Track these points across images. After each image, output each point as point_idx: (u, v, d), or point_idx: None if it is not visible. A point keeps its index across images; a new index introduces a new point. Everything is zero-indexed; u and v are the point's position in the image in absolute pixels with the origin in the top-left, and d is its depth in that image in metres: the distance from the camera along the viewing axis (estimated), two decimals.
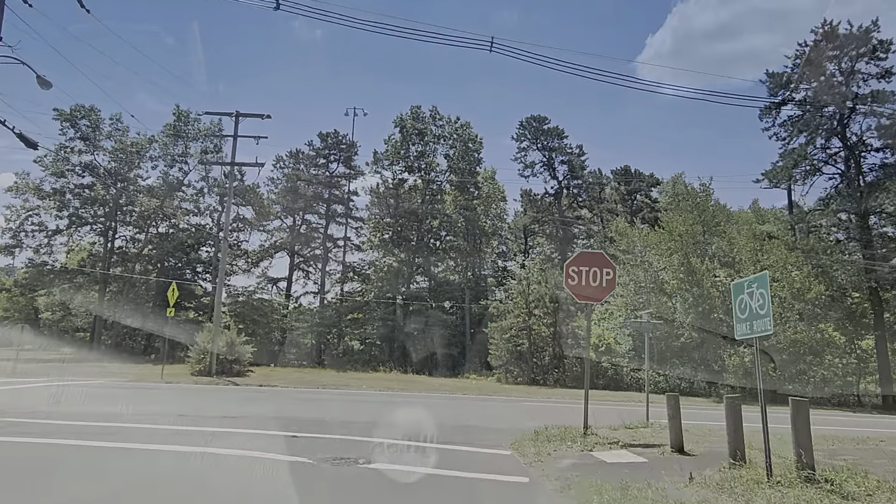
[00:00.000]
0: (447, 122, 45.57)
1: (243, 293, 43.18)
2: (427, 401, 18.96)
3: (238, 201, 43.61)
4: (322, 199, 45.92)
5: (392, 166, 45.48)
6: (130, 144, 42.57)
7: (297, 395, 19.45)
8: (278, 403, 15.30)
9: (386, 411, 14.29)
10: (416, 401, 18.88)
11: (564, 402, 22.04)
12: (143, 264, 42.90)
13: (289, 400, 16.29)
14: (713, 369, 30.07)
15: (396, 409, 15.21)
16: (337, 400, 17.65)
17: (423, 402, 18.50)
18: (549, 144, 47.30)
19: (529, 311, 32.77)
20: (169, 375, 25.37)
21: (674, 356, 30.50)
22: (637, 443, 9.85)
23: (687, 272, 28.97)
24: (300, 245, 46.71)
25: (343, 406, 15.74)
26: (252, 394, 18.69)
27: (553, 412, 17.26)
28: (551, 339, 32.23)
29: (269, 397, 17.71)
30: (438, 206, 45.92)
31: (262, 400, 16.44)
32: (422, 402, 18.52)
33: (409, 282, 44.26)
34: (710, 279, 28.38)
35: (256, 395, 18.06)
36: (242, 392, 19.19)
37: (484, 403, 19.20)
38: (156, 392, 17.79)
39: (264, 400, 16.39)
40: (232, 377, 26.81)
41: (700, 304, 27.63)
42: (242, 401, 14.99)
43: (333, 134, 45.53)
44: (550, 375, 31.50)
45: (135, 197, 42.75)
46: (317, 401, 16.91)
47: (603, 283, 10.73)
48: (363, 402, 17.85)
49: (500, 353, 33.43)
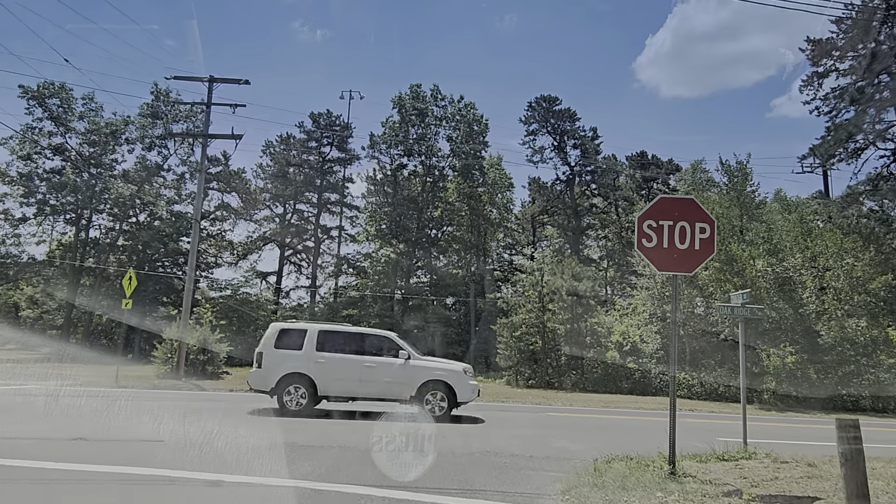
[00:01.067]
0: (450, 103, 41.98)
1: (227, 286, 39.60)
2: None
3: (222, 187, 40.04)
4: (314, 186, 42.31)
5: (390, 150, 41.90)
6: (105, 125, 38.98)
7: (265, 402, 15.90)
8: (213, 421, 11.69)
9: (370, 429, 10.71)
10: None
11: (595, 411, 18.44)
12: (118, 256, 39.29)
13: (241, 417, 12.68)
14: (752, 372, 26.46)
15: (388, 416, 11.68)
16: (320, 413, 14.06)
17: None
18: (561, 127, 43.65)
19: (543, 305, 29.17)
20: (131, 378, 21.83)
21: (707, 357, 26.89)
22: (766, 491, 6.21)
23: (724, 261, 25.34)
24: (291, 236, 43.12)
25: (306, 421, 12.16)
26: (207, 403, 15.09)
27: (591, 427, 13.63)
28: (568, 336, 28.62)
29: (222, 408, 14.08)
30: (440, 193, 42.35)
31: (206, 413, 12.82)
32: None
33: (409, 275, 40.67)
34: (752, 268, 24.77)
35: (208, 406, 14.44)
36: (197, 401, 15.58)
37: (503, 415, 15.60)
38: (83, 401, 14.18)
39: (209, 413, 12.77)
40: (204, 379, 23.26)
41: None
42: (181, 416, 11.40)
43: (326, 114, 41.94)
44: (567, 378, 27.88)
45: (109, 183, 39.18)
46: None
47: (696, 244, 7.12)
48: (350, 416, 14.29)
49: (510, 352, 29.81)
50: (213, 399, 16.37)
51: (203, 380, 23.05)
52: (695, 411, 20.32)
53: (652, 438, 10.64)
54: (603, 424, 14.56)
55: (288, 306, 42.19)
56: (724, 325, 24.56)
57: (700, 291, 28.43)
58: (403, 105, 41.01)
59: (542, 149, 44.62)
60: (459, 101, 41.60)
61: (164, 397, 15.49)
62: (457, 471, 7.11)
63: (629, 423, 15.08)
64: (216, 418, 11.46)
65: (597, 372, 27.84)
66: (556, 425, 13.74)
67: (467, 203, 42.78)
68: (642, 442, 9.63)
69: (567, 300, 27.68)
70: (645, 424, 14.85)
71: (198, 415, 11.84)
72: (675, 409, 7.22)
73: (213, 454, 7.62)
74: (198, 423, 10.27)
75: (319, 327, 13.83)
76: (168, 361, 23.03)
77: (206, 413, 12.45)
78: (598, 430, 13.10)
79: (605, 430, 13.22)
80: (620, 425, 14.62)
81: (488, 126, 41.97)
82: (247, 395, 17.75)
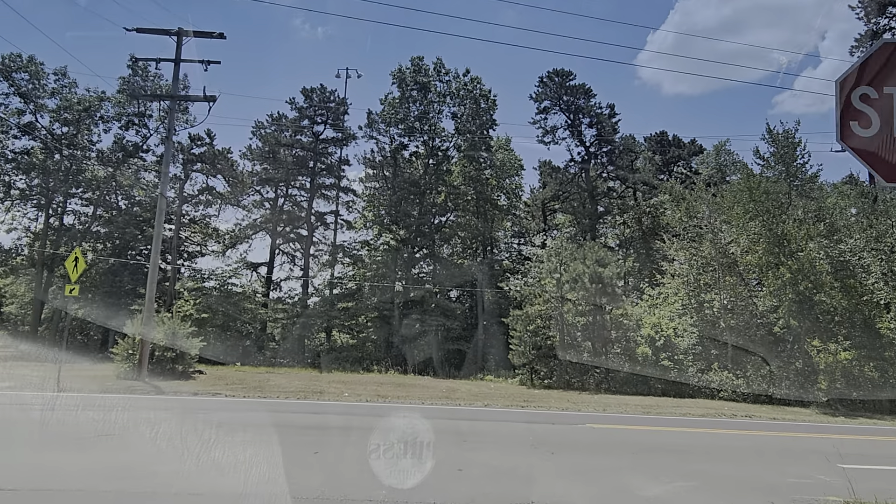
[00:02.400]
0: (454, 77, 38.48)
1: (211, 276, 36.24)
2: (436, 422, 11.97)
3: (206, 169, 36.66)
4: (307, 169, 38.87)
5: (389, 130, 38.43)
6: (77, 102, 35.57)
7: (233, 410, 12.57)
8: (141, 449, 8.33)
9: (348, 459, 7.34)
10: (416, 423, 11.85)
11: (642, 420, 14.99)
12: (92, 244, 35.94)
13: (190, 429, 9.31)
14: (798, 370, 23.04)
15: (379, 440, 8.29)
16: (283, 426, 10.64)
17: (428, 425, 11.51)
18: (575, 104, 40.08)
19: (562, 295, 25.76)
20: (84, 379, 18.56)
21: (751, 353, 23.46)
22: None
23: (774, 242, 21.91)
24: (283, 224, 39.70)
25: (282, 436, 8.78)
26: (151, 414, 11.70)
27: (667, 450, 10.08)
28: (591, 330, 25.22)
29: (167, 420, 10.70)
30: (444, 176, 38.91)
31: (149, 423, 9.47)
32: (427, 425, 11.52)
33: (410, 265, 37.26)
34: (807, 250, 21.33)
35: (151, 418, 11.04)
36: (142, 411, 12.19)
37: (530, 428, 12.13)
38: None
39: (150, 425, 9.41)
40: (171, 380, 19.88)
41: (798, 282, 20.56)
42: (94, 438, 8.05)
43: (320, 90, 38.43)
44: (591, 377, 24.47)
45: (83, 164, 35.83)
46: (247, 427, 9.93)
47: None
48: (322, 428, 10.93)
49: (524, 348, 26.42)
50: (156, 407, 12.95)
51: (170, 380, 19.68)
52: (752, 418, 16.92)
53: (776, 467, 7.27)
54: (678, 445, 11.11)
55: (278, 300, 38.81)
56: (780, 314, 21.09)
57: (741, 278, 25.02)
58: (404, 79, 37.54)
59: (554, 128, 41.09)
60: (465, 74, 38.13)
61: (91, 404, 12.05)
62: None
63: (712, 443, 11.60)
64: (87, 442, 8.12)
65: (622, 371, 24.40)
66: (612, 445, 10.36)
67: (473, 187, 39.35)
68: (771, 476, 6.25)
69: (591, 288, 24.23)
70: (736, 443, 11.44)
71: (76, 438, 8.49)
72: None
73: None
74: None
75: None
76: (129, 359, 19.71)
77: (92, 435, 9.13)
78: (681, 456, 9.64)
79: (692, 456, 9.76)
80: (702, 446, 11.16)
81: (496, 103, 38.50)
82: (213, 401, 14.38)
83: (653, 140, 44.05)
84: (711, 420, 15.73)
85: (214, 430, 8.91)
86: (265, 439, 8.64)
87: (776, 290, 21.09)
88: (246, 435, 8.99)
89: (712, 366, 23.38)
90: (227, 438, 8.25)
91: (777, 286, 20.88)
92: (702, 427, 13.84)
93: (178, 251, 34.86)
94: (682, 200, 26.30)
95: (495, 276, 38.23)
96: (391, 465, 6.88)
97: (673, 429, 13.37)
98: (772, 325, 22.07)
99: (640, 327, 24.69)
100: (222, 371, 25.66)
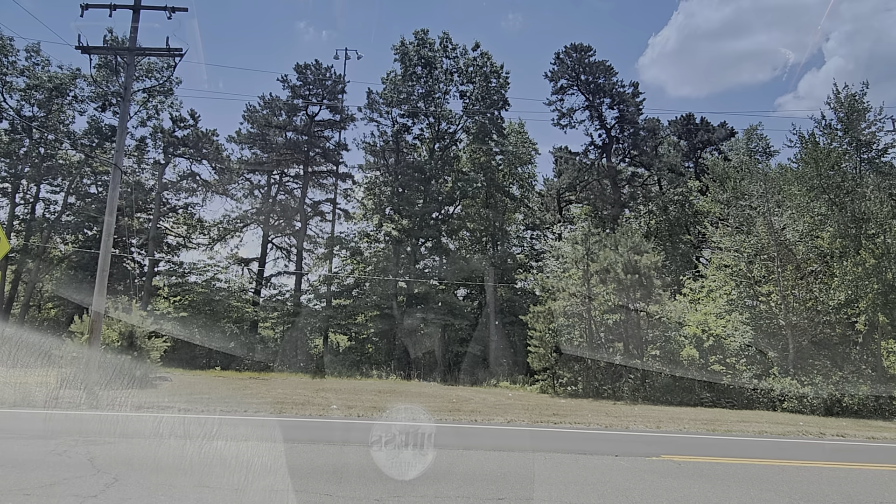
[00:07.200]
0: (461, 53, 35.06)
1: (193, 271, 32.81)
2: (448, 453, 8.41)
3: (189, 153, 33.32)
4: (301, 153, 35.48)
5: (391, 111, 35.02)
6: (48, 80, 32.34)
7: (144, 436, 9.07)
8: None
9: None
10: (417, 456, 8.29)
11: (715, 442, 11.35)
12: (63, 234, 32.66)
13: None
14: (866, 375, 19.41)
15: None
16: (231, 456, 7.09)
17: (437, 458, 7.96)
18: (595, 83, 36.54)
19: (590, 289, 22.23)
20: (18, 386, 15.17)
21: (818, 356, 19.85)
22: None
23: (849, 223, 18.32)
24: (276, 215, 36.31)
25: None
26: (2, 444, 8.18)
27: (809, 496, 6.56)
28: (625, 328, 21.68)
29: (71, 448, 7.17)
30: (451, 162, 35.47)
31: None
32: (435, 458, 7.96)
33: (414, 258, 33.78)
34: (892, 230, 17.72)
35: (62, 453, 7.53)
36: (38, 445, 8.71)
37: (587, 463, 8.49)
38: None
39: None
40: (125, 389, 16.46)
41: (883, 269, 16.95)
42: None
43: (314, 66, 35.03)
44: (625, 383, 20.90)
45: (54, 149, 32.60)
46: (187, 466, 6.42)
47: None
48: (288, 457, 7.40)
49: (545, 350, 22.92)
50: (33, 433, 9.40)
51: (124, 388, 16.23)
52: (846, 438, 13.34)
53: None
54: (802, 484, 7.43)
55: (269, 299, 35.37)
56: (862, 307, 17.43)
57: (800, 268, 21.40)
58: (407, 54, 34.14)
59: (571, 110, 37.59)
60: (475, 49, 34.71)
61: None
62: None
63: (838, 477, 7.97)
64: None
65: (661, 378, 20.79)
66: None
67: (483, 174, 35.87)
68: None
69: (625, 280, 20.66)
70: (869, 479, 7.83)
71: None
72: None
73: None
74: None
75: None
76: (73, 363, 16.31)
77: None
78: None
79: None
80: (836, 487, 7.48)
81: (508, 80, 35.03)
82: (146, 419, 10.83)
83: (678, 124, 40.44)
84: (804, 442, 12.14)
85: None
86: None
87: (854, 281, 17.46)
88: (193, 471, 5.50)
89: (770, 370, 19.77)
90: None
91: (856, 275, 17.25)
92: (809, 457, 10.26)
93: (155, 242, 31.48)
94: (728, 180, 22.71)
95: (507, 271, 34.74)
96: None
97: (778, 462, 9.81)
98: (845, 322, 18.44)
99: (682, 326, 21.12)
100: (196, 377, 22.26)
